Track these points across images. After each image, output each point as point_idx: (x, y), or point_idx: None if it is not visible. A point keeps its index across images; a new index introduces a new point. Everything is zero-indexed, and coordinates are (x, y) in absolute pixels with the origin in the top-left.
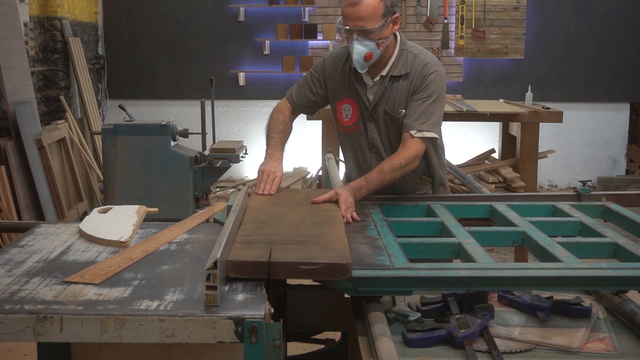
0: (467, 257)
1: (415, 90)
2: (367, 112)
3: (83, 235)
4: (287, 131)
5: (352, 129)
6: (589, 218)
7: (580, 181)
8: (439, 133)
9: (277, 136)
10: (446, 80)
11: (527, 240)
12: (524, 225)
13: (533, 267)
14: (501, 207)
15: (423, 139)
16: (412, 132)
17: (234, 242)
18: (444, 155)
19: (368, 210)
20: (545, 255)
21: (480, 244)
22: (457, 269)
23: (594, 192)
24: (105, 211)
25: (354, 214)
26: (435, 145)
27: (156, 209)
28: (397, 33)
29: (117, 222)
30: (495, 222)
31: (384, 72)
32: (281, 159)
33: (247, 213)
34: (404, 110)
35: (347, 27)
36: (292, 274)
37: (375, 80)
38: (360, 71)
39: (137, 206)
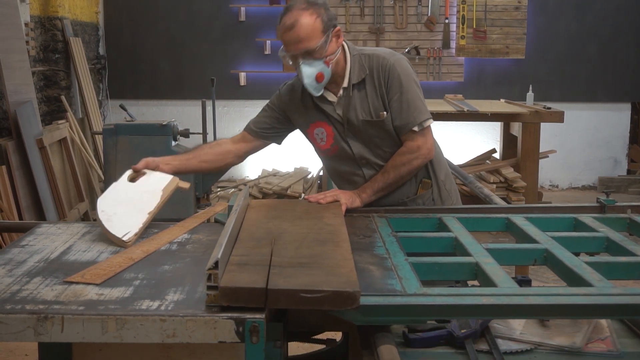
0: (486, 280)
1: (387, 89)
2: (343, 128)
3: (97, 214)
4: (207, 161)
5: (331, 151)
6: (616, 233)
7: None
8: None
9: (191, 155)
10: (409, 62)
11: (550, 259)
12: (545, 241)
13: (562, 294)
14: (519, 220)
15: (423, 130)
16: (415, 128)
17: (227, 263)
18: (442, 153)
19: (375, 224)
20: (572, 278)
21: (499, 263)
22: (477, 295)
23: (618, 204)
24: (135, 178)
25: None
26: None
27: (187, 185)
28: (344, 43)
29: (136, 203)
30: (512, 237)
31: (344, 84)
32: (169, 163)
33: (244, 228)
34: (386, 113)
35: (290, 53)
36: (293, 302)
37: (339, 95)
38: (315, 94)
39: (169, 178)
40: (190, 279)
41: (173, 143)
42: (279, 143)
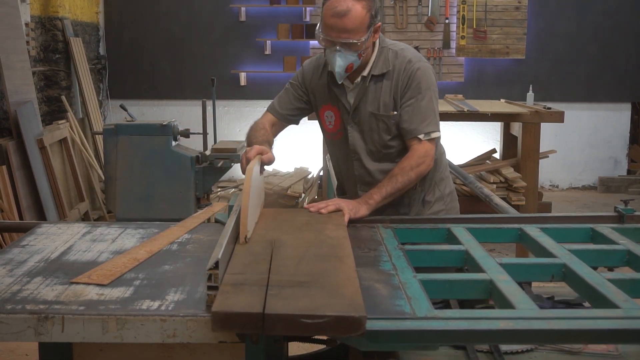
0: (502, 301)
1: (404, 90)
2: (348, 115)
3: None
4: (268, 142)
5: (336, 135)
6: (637, 245)
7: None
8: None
9: (260, 137)
10: (433, 73)
11: (569, 275)
12: (563, 255)
13: (586, 317)
14: (533, 231)
15: (430, 140)
16: (420, 136)
17: (220, 283)
18: (445, 154)
19: (380, 235)
20: (595, 297)
21: (513, 279)
22: (493, 318)
23: (637, 213)
24: (261, 173)
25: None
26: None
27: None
28: None
29: (256, 197)
30: (526, 249)
31: (364, 73)
32: (269, 148)
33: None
34: (395, 112)
35: (329, 38)
36: (291, 328)
37: (356, 82)
38: (339, 81)
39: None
40: (191, 279)
41: (173, 143)
42: (297, 124)
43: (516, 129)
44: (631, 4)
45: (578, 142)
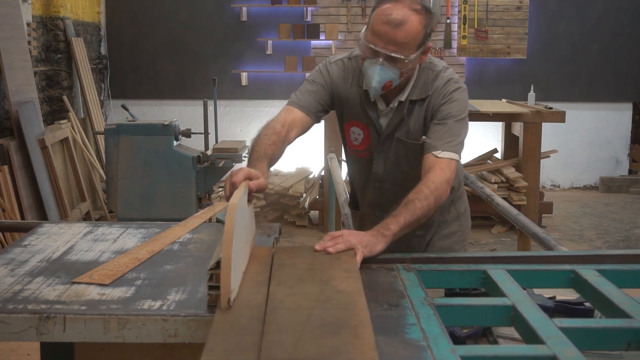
0: None
1: (437, 108)
2: (377, 139)
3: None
4: (267, 157)
5: (362, 154)
6: None
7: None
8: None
9: (261, 151)
10: (467, 94)
11: None
12: (637, 312)
13: None
14: (589, 274)
15: (451, 161)
16: (436, 152)
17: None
18: (462, 169)
19: (401, 282)
20: None
21: (578, 348)
22: None
23: None
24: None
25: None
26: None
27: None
28: None
29: (243, 237)
30: (581, 296)
31: (402, 97)
32: (263, 173)
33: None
34: (424, 138)
35: (375, 47)
36: None
37: (390, 106)
38: (372, 98)
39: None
40: (192, 278)
41: (175, 143)
42: (318, 122)
43: (517, 128)
44: (633, 4)
45: (579, 142)
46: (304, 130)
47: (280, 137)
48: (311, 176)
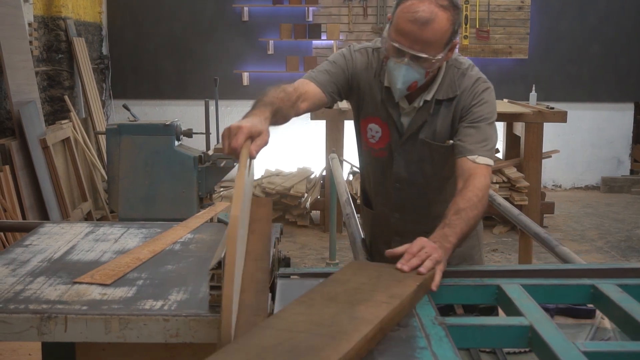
0: None
1: (467, 109)
2: (399, 139)
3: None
4: (272, 105)
5: (379, 153)
6: None
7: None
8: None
9: (267, 100)
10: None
11: None
12: None
13: None
14: (611, 289)
15: (488, 167)
16: (472, 157)
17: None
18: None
19: None
20: None
21: None
22: None
23: None
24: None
25: (437, 277)
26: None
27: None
28: None
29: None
30: (605, 316)
31: (427, 97)
32: (266, 119)
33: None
34: (451, 141)
35: (400, 47)
36: None
37: (414, 105)
38: (396, 99)
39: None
40: (194, 278)
41: (176, 143)
42: (331, 107)
43: (519, 128)
44: (634, 4)
45: (581, 142)
46: (316, 106)
47: (291, 99)
48: (312, 176)
